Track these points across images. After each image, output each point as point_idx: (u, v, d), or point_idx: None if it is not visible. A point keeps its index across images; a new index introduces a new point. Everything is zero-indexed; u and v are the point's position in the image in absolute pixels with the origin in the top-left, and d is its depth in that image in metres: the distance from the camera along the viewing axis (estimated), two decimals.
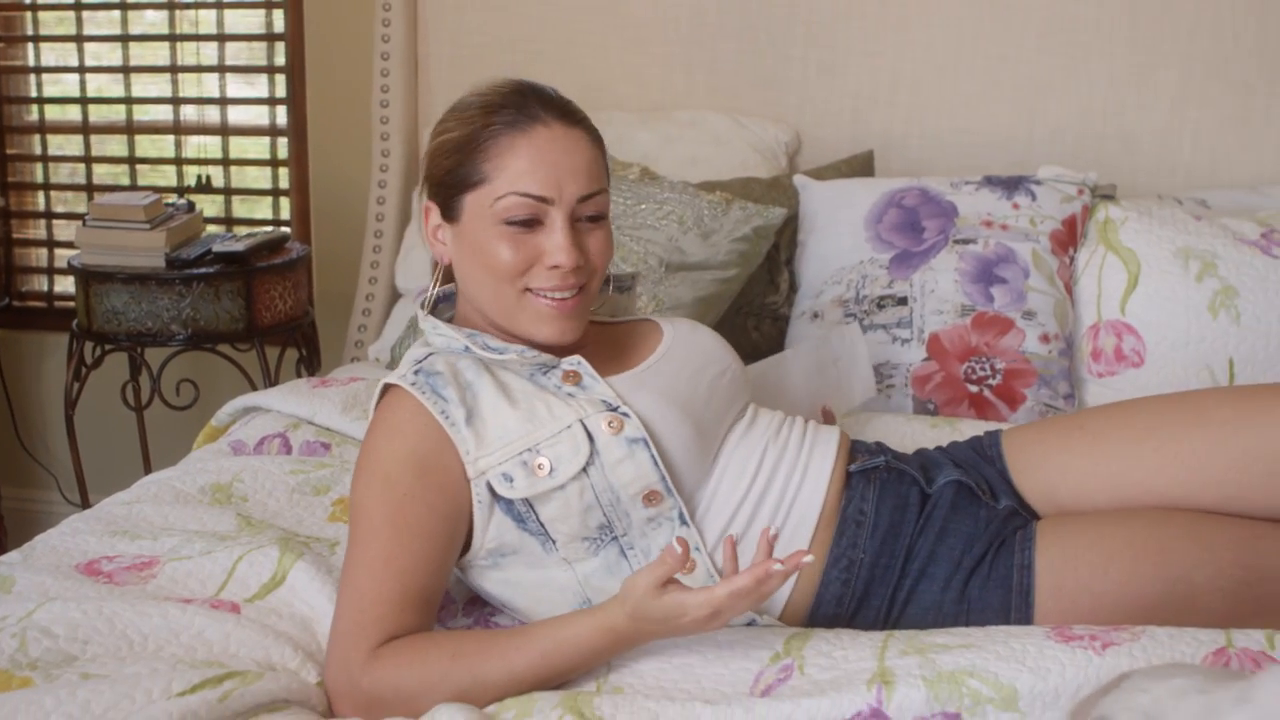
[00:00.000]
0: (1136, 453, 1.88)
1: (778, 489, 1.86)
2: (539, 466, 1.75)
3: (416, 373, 1.83)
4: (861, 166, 3.11)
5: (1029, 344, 2.57)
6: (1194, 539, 1.78)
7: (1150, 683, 1.29)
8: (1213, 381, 2.58)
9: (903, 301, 2.64)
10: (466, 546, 1.80)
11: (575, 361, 1.86)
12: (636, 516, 1.78)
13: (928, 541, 1.85)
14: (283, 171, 3.90)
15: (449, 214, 1.86)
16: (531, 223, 1.81)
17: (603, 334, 2.00)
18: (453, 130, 1.85)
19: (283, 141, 3.88)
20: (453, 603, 1.92)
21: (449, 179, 1.84)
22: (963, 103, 3.28)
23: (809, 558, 1.57)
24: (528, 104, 1.82)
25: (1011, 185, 2.77)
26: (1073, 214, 2.74)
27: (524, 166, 1.79)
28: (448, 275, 1.96)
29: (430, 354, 1.88)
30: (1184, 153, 3.21)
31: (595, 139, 1.87)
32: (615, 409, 1.79)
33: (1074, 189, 2.78)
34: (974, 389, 2.54)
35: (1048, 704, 1.53)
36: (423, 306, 1.94)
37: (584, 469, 1.75)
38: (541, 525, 1.76)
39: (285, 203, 3.92)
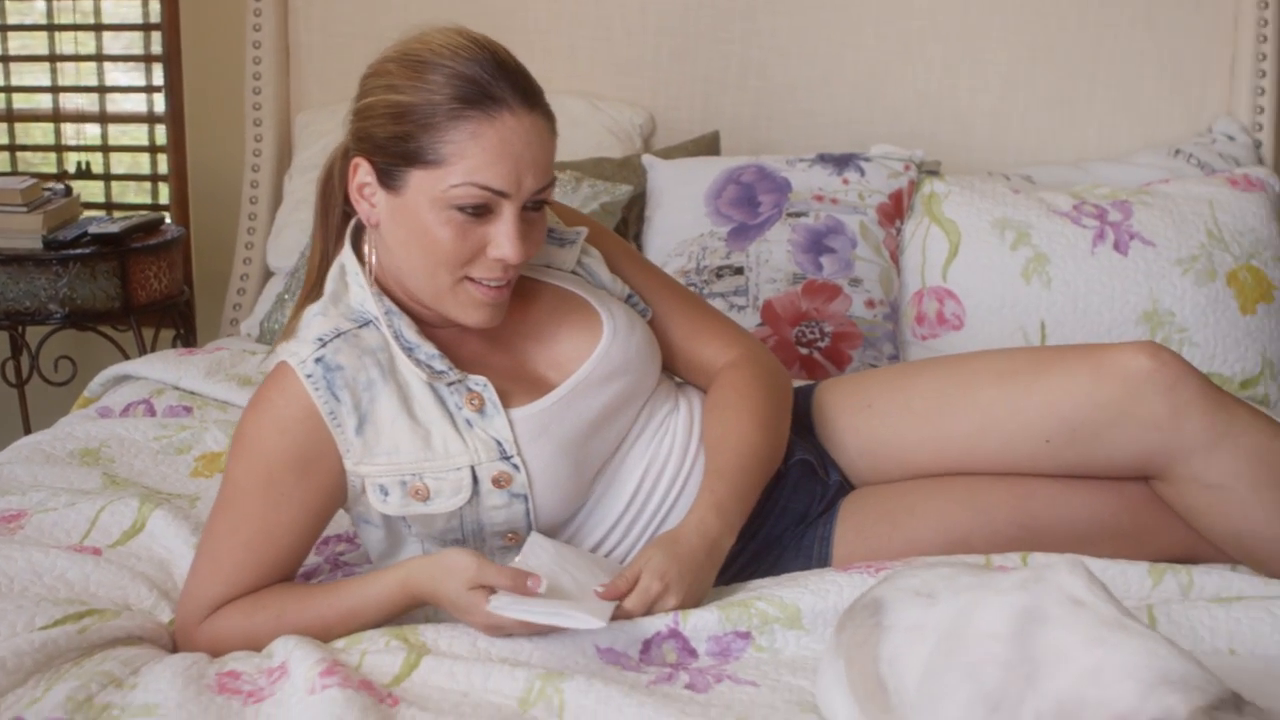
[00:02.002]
0: (916, 435, 1.98)
1: (654, 506, 1.91)
2: (417, 491, 1.77)
3: (317, 361, 1.77)
4: (708, 146, 3.28)
5: (855, 309, 2.75)
6: (971, 504, 1.92)
7: (920, 570, 1.41)
8: (1025, 342, 2.77)
9: (739, 271, 2.80)
10: None
11: (482, 384, 1.80)
12: (493, 544, 1.85)
13: (766, 522, 1.97)
14: (162, 157, 4.00)
15: (388, 182, 1.75)
16: (482, 211, 1.73)
17: (533, 304, 1.93)
18: (404, 93, 1.73)
19: (161, 128, 3.99)
20: (312, 547, 2.03)
21: (395, 147, 1.73)
22: (806, 86, 3.46)
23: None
24: (496, 83, 1.70)
25: (843, 162, 2.95)
26: (899, 188, 2.92)
27: (487, 158, 1.69)
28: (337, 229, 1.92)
29: (338, 334, 1.80)
30: (1013, 132, 3.41)
31: (552, 124, 1.78)
32: (508, 458, 1.78)
33: (901, 165, 2.96)
34: (804, 351, 2.72)
35: (828, 621, 1.68)
36: (360, 261, 1.86)
37: (460, 507, 1.79)
38: (404, 519, 1.82)
39: (165, 188, 4.03)
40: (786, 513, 1.96)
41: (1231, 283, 2.80)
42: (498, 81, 1.70)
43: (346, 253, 1.87)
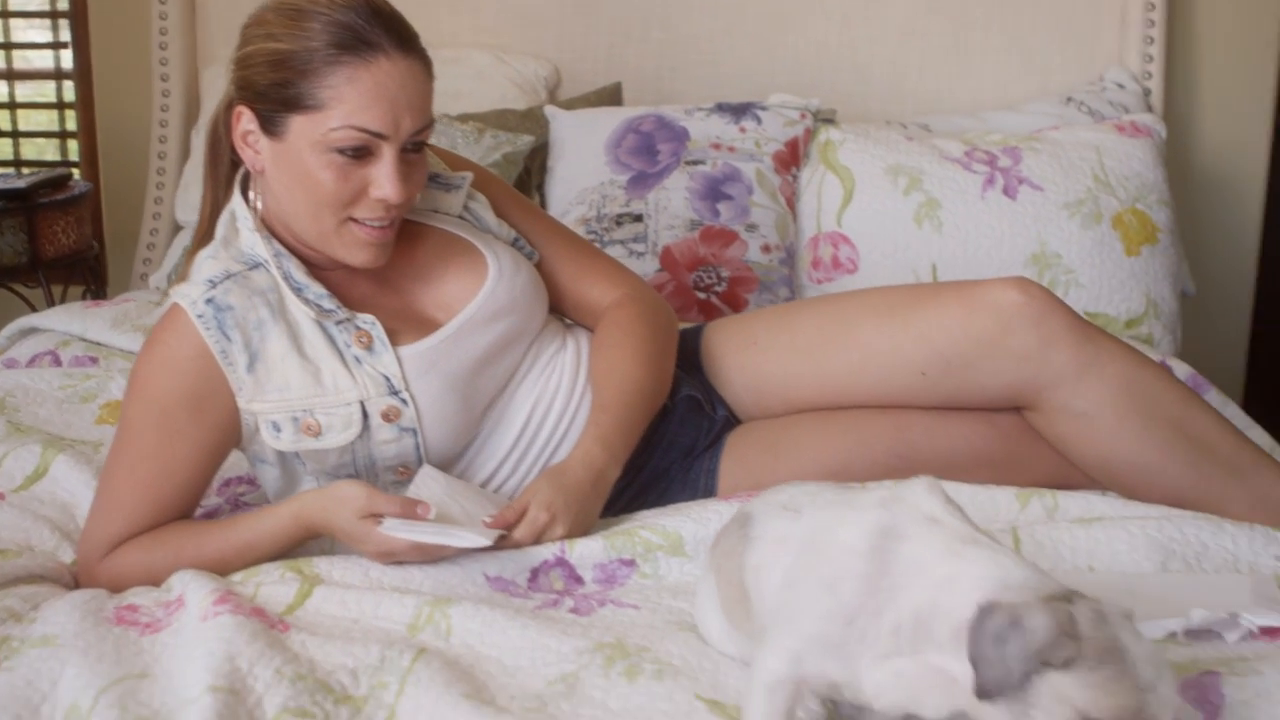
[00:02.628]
0: (799, 370, 2.05)
1: (542, 440, 1.97)
2: (308, 427, 1.83)
3: (208, 302, 1.82)
4: (610, 97, 3.33)
5: (752, 254, 2.82)
6: (851, 435, 2.00)
7: (789, 487, 1.46)
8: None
9: (638, 219, 2.86)
10: None
11: (370, 322, 1.86)
12: (385, 479, 1.91)
13: (654, 455, 2.03)
14: (70, 114, 4.00)
15: (270, 128, 1.80)
16: (362, 153, 1.77)
17: (420, 247, 1.97)
18: (282, 40, 1.76)
19: (69, 85, 3.98)
20: (209, 485, 2.07)
21: (275, 93, 1.77)
22: (708, 38, 3.51)
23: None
24: (372, 29, 1.74)
25: (740, 111, 3.01)
26: (795, 136, 2.98)
27: (364, 101, 1.74)
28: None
29: (227, 275, 1.85)
30: (910, 81, 3.48)
31: (429, 68, 1.82)
32: (396, 393, 1.84)
33: (797, 114, 3.03)
34: (702, 296, 2.78)
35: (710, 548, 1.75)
36: (248, 204, 1.90)
37: (351, 442, 1.85)
38: (298, 456, 1.88)
39: (74, 144, 4.03)
40: (673, 446, 2.03)
41: (1117, 226, 2.88)
42: (373, 27, 1.75)
43: (236, 200, 1.91)
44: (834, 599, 1.25)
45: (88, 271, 3.64)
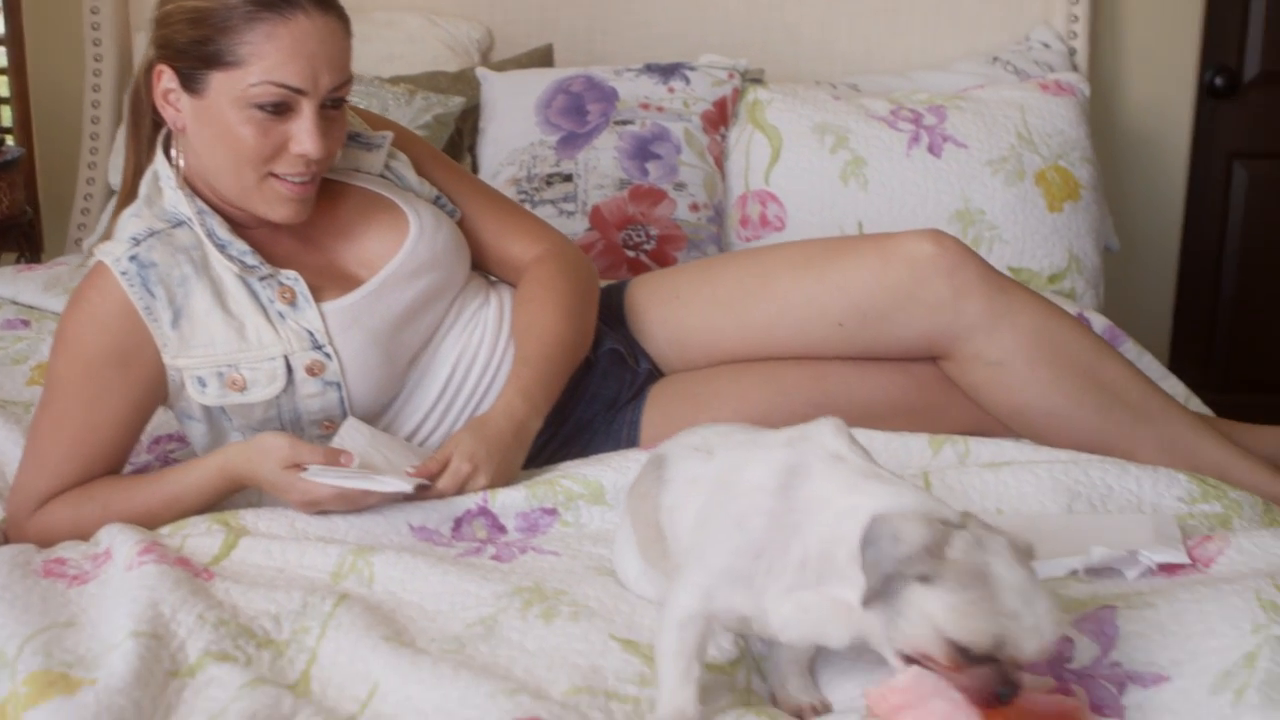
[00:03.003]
0: (720, 323, 2.10)
1: (466, 393, 2.01)
2: (233, 382, 1.86)
3: (132, 259, 1.84)
4: (541, 59, 3.35)
5: (680, 212, 2.85)
6: (770, 385, 2.04)
7: (702, 428, 1.51)
8: None
9: (568, 179, 2.89)
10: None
11: (293, 278, 1.88)
12: (311, 433, 1.93)
13: (577, 408, 2.07)
14: (2, 80, 3.98)
15: (190, 85, 1.82)
16: (281, 108, 1.79)
17: (342, 205, 2.00)
18: None
19: (0, 50, 3.96)
20: (138, 441, 2.10)
21: (194, 51, 1.79)
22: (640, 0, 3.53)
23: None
24: None
25: (668, 71, 3.04)
26: (723, 96, 3.01)
27: (282, 57, 1.76)
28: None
29: (151, 233, 1.87)
30: (840, 42, 3.51)
31: (347, 26, 1.84)
32: (320, 347, 1.88)
33: (725, 74, 3.06)
34: (631, 254, 2.81)
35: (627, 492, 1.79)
36: (170, 163, 1.91)
37: (277, 396, 1.88)
38: (224, 411, 1.90)
39: (7, 110, 4.01)
40: (596, 399, 2.06)
41: (1040, 182, 2.93)
42: None
43: (159, 159, 1.93)
44: (742, 535, 1.29)
45: (22, 237, 3.63)
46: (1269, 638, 1.32)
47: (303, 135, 1.81)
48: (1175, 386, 2.53)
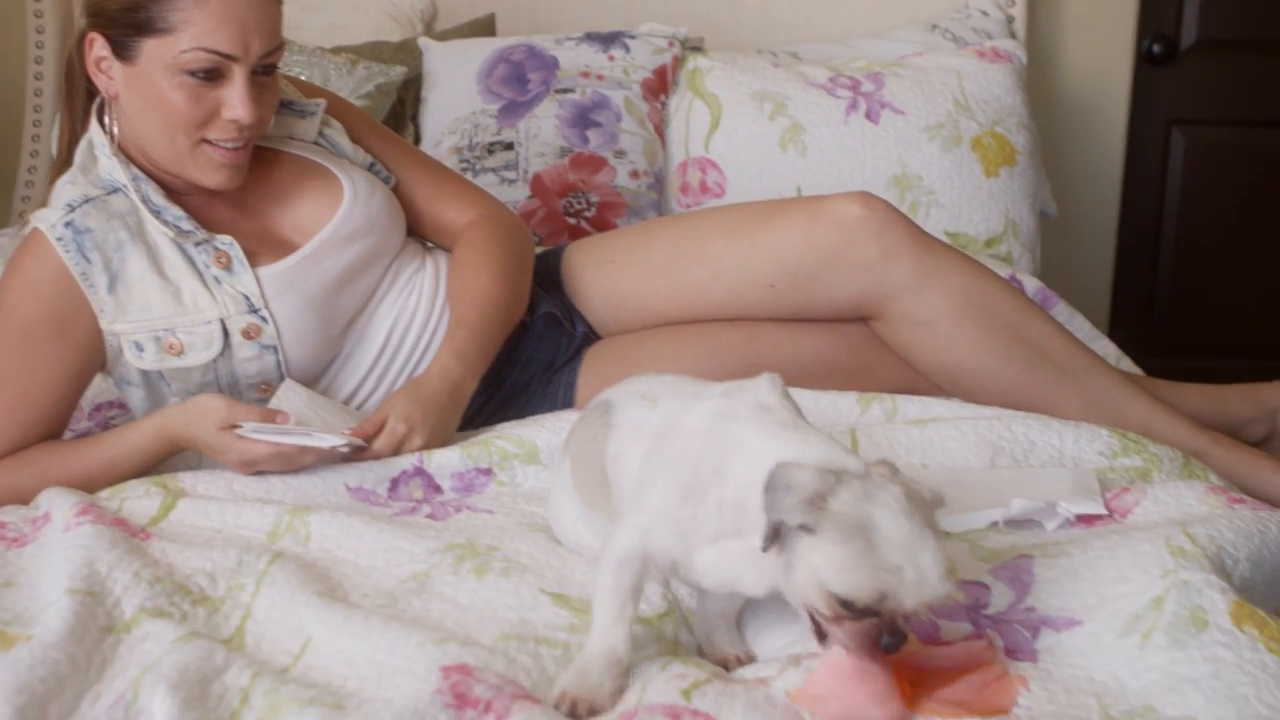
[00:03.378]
0: (654, 285, 2.13)
1: (403, 357, 2.05)
2: (171, 346, 1.88)
3: (67, 225, 1.86)
4: (483, 28, 3.36)
5: (620, 179, 2.88)
6: (704, 346, 2.07)
7: (648, 378, 1.53)
8: None
9: (509, 147, 2.91)
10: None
11: (228, 243, 1.91)
12: (249, 397, 1.95)
13: (514, 370, 2.10)
14: None
15: (122, 53, 1.83)
16: (213, 75, 1.81)
17: (276, 172, 2.02)
18: None
19: None
20: (79, 409, 2.11)
21: (125, 18, 1.81)
22: None
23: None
24: None
25: (609, 40, 3.06)
26: (663, 64, 3.04)
27: (213, 23, 1.78)
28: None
29: (86, 200, 1.89)
30: (782, 11, 3.53)
31: None
32: (256, 311, 1.90)
33: (665, 42, 3.08)
34: (572, 221, 2.84)
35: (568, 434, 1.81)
36: (105, 131, 1.93)
37: (214, 359, 1.91)
38: (162, 376, 1.93)
39: None
40: (533, 361, 2.09)
41: (976, 148, 2.97)
42: None
43: (93, 128, 1.95)
44: (673, 479, 1.32)
45: None
46: (1176, 582, 1.36)
47: (234, 101, 1.83)
48: (1106, 348, 2.58)
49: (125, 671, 1.31)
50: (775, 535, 1.21)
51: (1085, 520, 1.61)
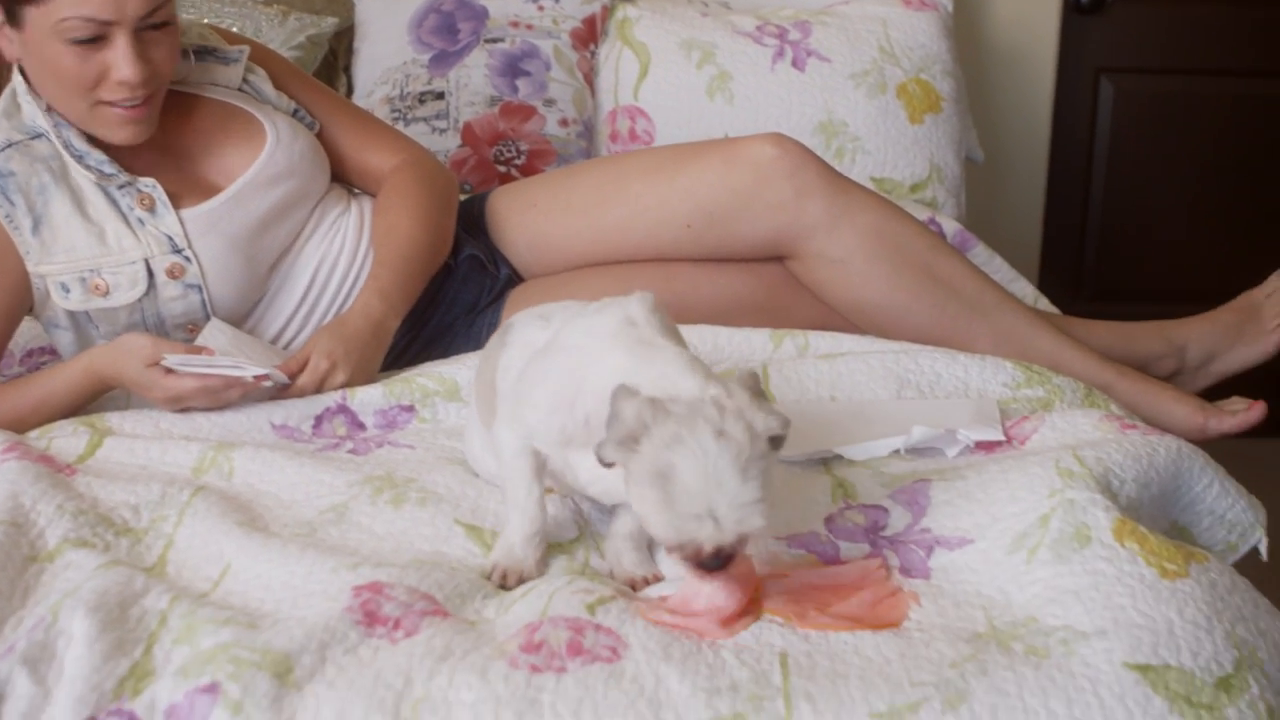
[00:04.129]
0: (575, 227, 2.18)
1: (328, 298, 2.09)
2: (96, 287, 1.92)
3: None
4: None
5: (549, 128, 2.91)
6: (623, 285, 2.05)
7: (550, 304, 1.60)
8: None
9: (440, 96, 2.94)
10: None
11: (151, 185, 1.94)
12: (175, 337, 1.99)
13: (437, 312, 2.15)
14: None
15: (12, 20, 1.86)
16: (97, 39, 1.82)
17: (199, 118, 2.05)
18: None
19: None
20: (10, 355, 2.16)
21: None
22: None
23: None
24: None
25: None
26: (592, 14, 3.07)
27: None
28: None
29: (9, 144, 1.92)
30: None
31: None
32: (180, 251, 1.95)
33: None
34: (503, 169, 2.87)
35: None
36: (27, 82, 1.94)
37: (139, 299, 1.95)
38: (90, 318, 1.97)
39: None
40: (456, 303, 2.14)
41: (901, 95, 3.01)
42: None
43: (16, 77, 1.98)
44: (545, 389, 1.39)
45: None
46: (1063, 501, 1.42)
47: (120, 62, 1.84)
48: (1025, 288, 2.64)
49: (47, 597, 1.35)
50: (602, 464, 1.27)
51: (985, 447, 1.67)
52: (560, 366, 1.38)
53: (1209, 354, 2.28)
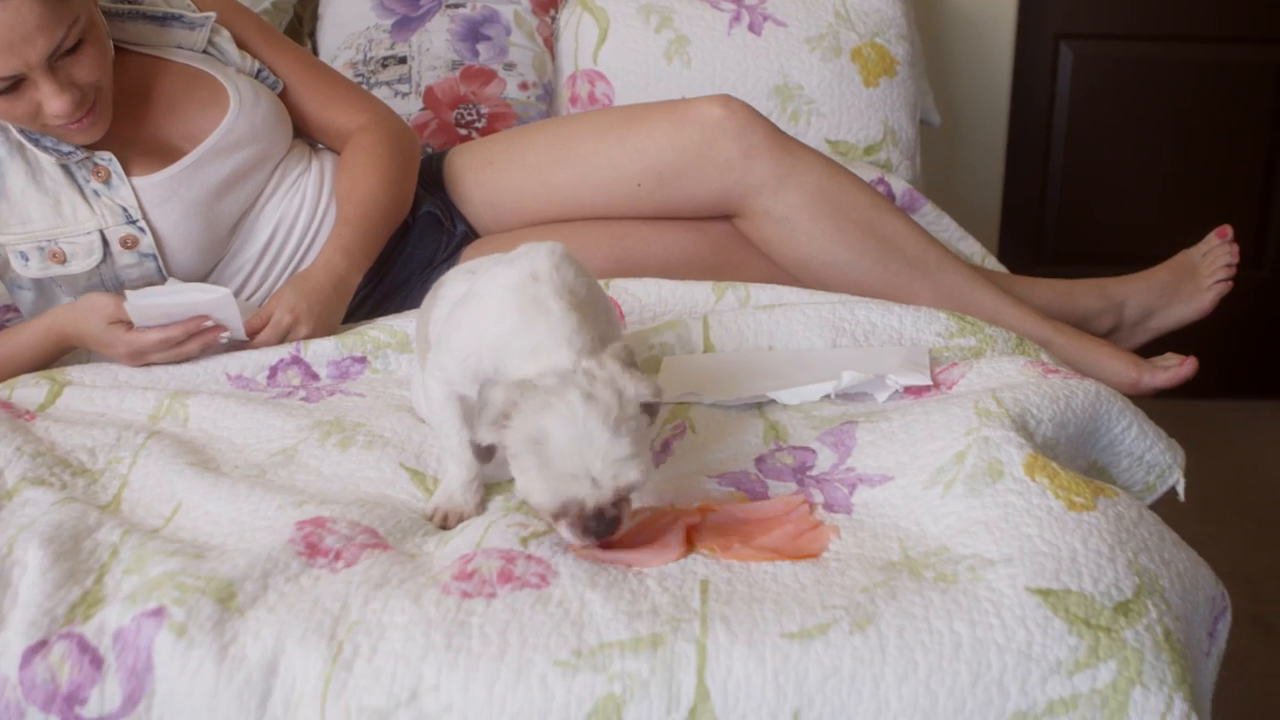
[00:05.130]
0: (529, 185, 2.24)
1: (287, 255, 2.15)
2: (54, 255, 1.98)
3: None
4: None
5: (510, 91, 2.97)
6: (575, 242, 2.08)
7: (482, 258, 1.67)
8: None
9: (403, 61, 2.99)
10: None
11: (106, 159, 1.99)
12: None
13: (394, 267, 2.21)
14: None
15: None
16: (17, 85, 1.84)
17: (165, 82, 2.08)
18: None
19: None
20: None
21: None
22: None
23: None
24: None
25: None
26: None
27: None
28: None
29: None
30: None
31: None
32: (134, 222, 2.00)
33: None
34: (464, 132, 2.93)
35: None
36: None
37: (96, 266, 2.00)
38: (53, 280, 2.03)
39: None
40: (413, 258, 2.19)
41: (856, 58, 3.07)
42: None
43: None
44: (455, 341, 1.46)
45: None
46: (978, 439, 1.49)
47: (47, 100, 1.86)
48: (972, 247, 2.70)
49: (4, 531, 1.41)
50: (480, 451, 1.34)
51: (914, 392, 1.73)
52: (471, 314, 1.44)
53: (1146, 311, 2.36)
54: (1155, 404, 3.57)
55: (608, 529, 1.32)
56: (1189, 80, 3.85)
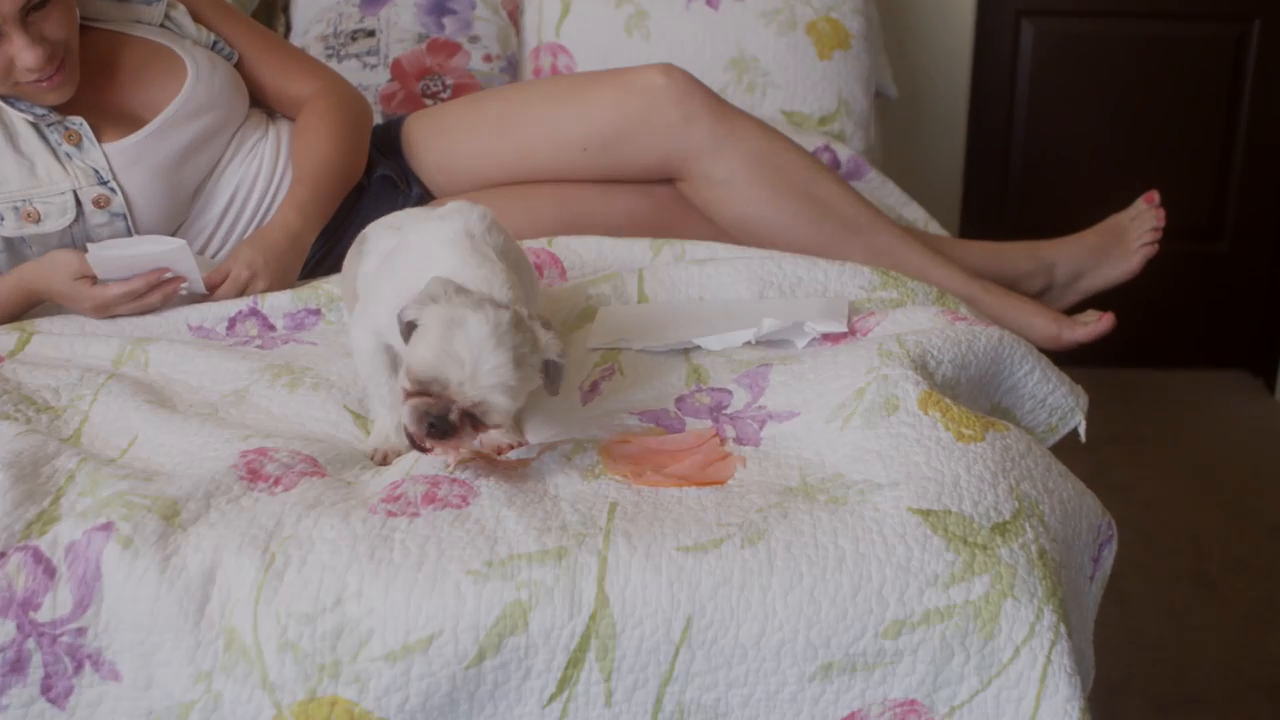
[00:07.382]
0: (480, 149, 2.35)
1: (247, 217, 2.25)
2: (29, 215, 2.07)
3: None
4: None
5: (474, 63, 3.07)
6: (523, 205, 2.29)
7: (400, 213, 1.78)
8: None
9: (371, 34, 3.09)
10: None
11: (78, 123, 2.08)
12: None
13: (350, 228, 2.27)
14: None
15: None
16: None
17: (124, 55, 2.17)
18: None
19: None
20: None
21: None
22: None
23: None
24: None
25: None
26: None
27: None
28: None
29: None
30: None
31: None
32: (105, 183, 2.10)
33: None
34: (429, 102, 3.03)
35: None
36: None
37: (69, 225, 2.10)
38: (25, 240, 2.11)
39: None
40: (369, 219, 2.28)
41: (810, 32, 3.17)
42: None
43: None
44: (389, 288, 1.55)
45: None
46: (878, 377, 1.60)
47: (19, 53, 1.95)
48: (916, 212, 2.81)
49: None
50: (407, 331, 1.42)
51: (831, 339, 1.83)
52: (403, 263, 1.55)
53: (1076, 272, 2.47)
54: (1118, 374, 3.73)
55: (441, 431, 1.40)
56: (1149, 56, 3.95)
